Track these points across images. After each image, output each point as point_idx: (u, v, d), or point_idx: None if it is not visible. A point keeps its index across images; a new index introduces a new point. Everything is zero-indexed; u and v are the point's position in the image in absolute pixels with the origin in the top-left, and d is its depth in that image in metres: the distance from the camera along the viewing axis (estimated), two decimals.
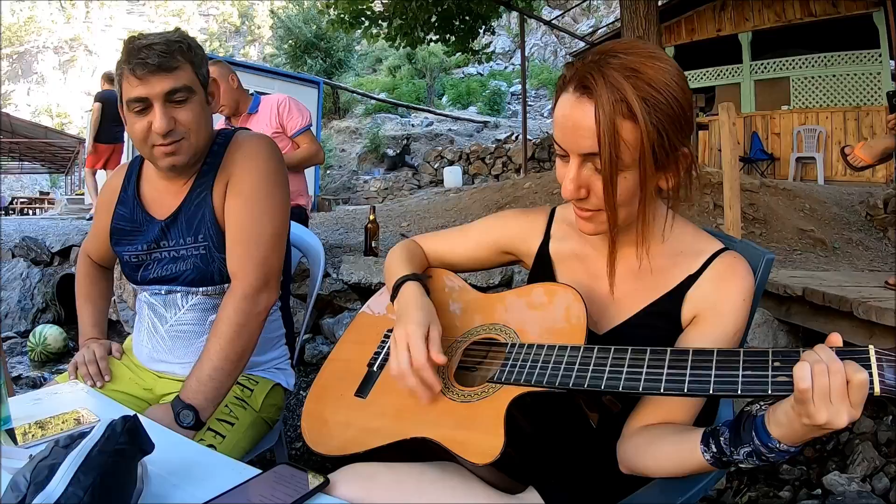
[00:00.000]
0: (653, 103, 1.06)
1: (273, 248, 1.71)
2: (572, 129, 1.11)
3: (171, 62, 1.57)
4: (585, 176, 1.14)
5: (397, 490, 1.13)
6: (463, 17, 9.76)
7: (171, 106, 1.59)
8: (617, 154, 1.06)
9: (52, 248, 5.64)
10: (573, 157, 1.13)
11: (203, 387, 1.55)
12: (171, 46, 1.58)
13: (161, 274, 1.75)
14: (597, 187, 1.13)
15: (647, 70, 1.07)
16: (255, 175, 1.71)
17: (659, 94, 1.07)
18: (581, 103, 1.09)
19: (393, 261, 1.53)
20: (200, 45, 1.71)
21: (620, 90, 1.05)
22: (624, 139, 1.06)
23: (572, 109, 1.10)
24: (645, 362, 1.01)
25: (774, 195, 7.06)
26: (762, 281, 1.35)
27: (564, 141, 1.14)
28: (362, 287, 4.26)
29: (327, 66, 23.85)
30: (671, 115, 1.08)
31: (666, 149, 1.09)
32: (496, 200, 7.80)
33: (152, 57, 1.55)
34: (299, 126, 3.99)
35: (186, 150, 1.65)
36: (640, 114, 1.05)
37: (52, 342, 4.58)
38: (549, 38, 29.66)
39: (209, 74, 1.73)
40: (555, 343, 1.15)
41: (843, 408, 0.83)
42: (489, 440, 1.07)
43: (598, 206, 1.16)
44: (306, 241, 2.31)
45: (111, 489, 0.86)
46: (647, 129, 1.06)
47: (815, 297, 3.28)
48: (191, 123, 1.63)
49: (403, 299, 1.37)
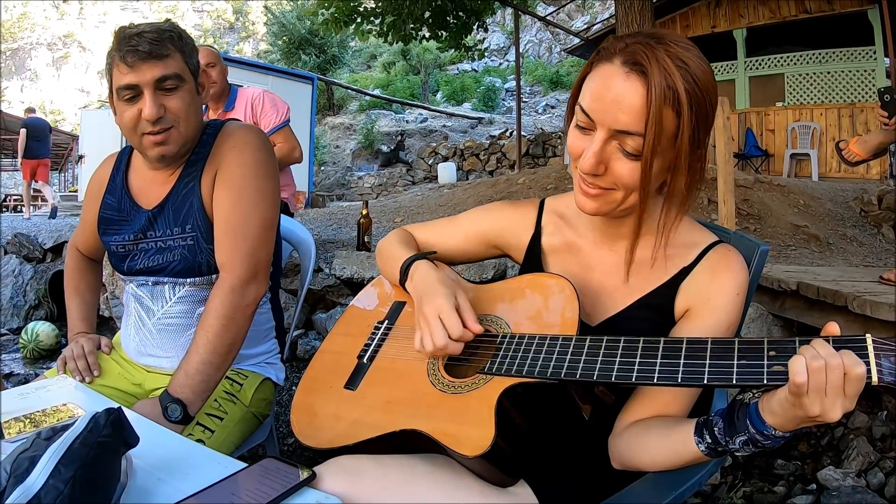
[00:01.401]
0: (697, 101, 1.06)
1: (262, 239, 1.69)
2: (613, 101, 1.06)
3: (161, 49, 1.57)
4: (609, 152, 1.11)
5: (384, 483, 1.11)
6: (456, 13, 9.73)
7: (160, 94, 1.59)
8: (660, 140, 1.05)
9: (45, 244, 5.62)
10: (602, 130, 1.09)
11: (191, 381, 1.53)
12: (162, 35, 1.58)
13: (148, 265, 1.74)
14: (616, 167, 1.11)
15: (693, 65, 1.06)
16: (243, 166, 1.69)
17: (700, 92, 1.06)
18: (630, 79, 1.05)
19: (390, 246, 1.51)
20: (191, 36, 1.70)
21: (672, 78, 1.03)
22: (665, 128, 1.05)
23: (618, 82, 1.06)
24: (638, 352, 1.00)
25: (769, 191, 7.06)
26: (756, 273, 1.34)
27: (598, 112, 1.09)
28: (355, 282, 4.24)
29: (321, 62, 23.79)
30: (707, 115, 1.08)
31: (693, 147, 1.08)
32: (490, 196, 7.79)
33: (143, 44, 1.54)
34: (274, 123, 3.81)
35: (176, 140, 1.63)
36: (686, 109, 1.04)
37: (44, 339, 4.56)
38: (544, 34, 29.64)
39: (199, 65, 1.72)
40: (546, 334, 1.13)
41: (838, 401, 0.83)
42: (479, 432, 1.06)
43: (611, 185, 1.14)
44: (296, 234, 2.29)
45: (93, 482, 0.84)
46: (689, 126, 1.05)
47: (809, 292, 3.28)
48: (180, 111, 1.61)
49: (420, 276, 1.34)
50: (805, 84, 12.19)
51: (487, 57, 26.67)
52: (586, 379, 1.02)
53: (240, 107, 3.83)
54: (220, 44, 54.16)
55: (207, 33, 60.96)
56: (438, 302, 1.21)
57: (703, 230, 1.29)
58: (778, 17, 12.13)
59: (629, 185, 1.11)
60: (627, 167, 1.09)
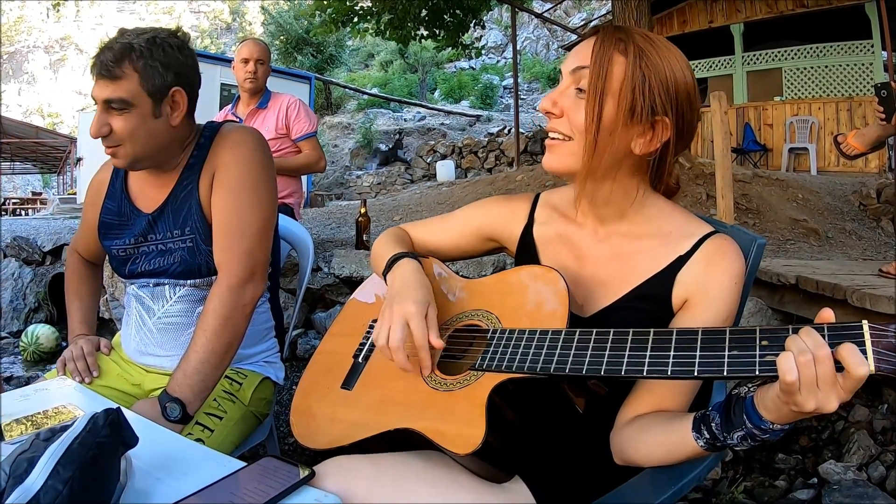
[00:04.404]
0: (647, 55, 1.14)
1: (259, 239, 1.70)
2: (574, 52, 1.21)
3: (115, 70, 1.56)
4: (567, 97, 1.20)
5: (380, 481, 1.11)
6: (453, 11, 9.72)
7: (108, 112, 1.60)
8: (605, 75, 1.14)
9: (44, 247, 5.59)
10: (565, 75, 1.21)
11: (189, 380, 1.54)
12: (125, 52, 1.56)
13: (148, 267, 1.75)
14: (573, 112, 1.18)
15: (656, 40, 1.18)
16: (240, 167, 1.70)
17: (656, 54, 1.15)
18: (589, 40, 1.19)
19: (382, 244, 1.51)
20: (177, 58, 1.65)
21: (625, 34, 1.16)
22: (612, 68, 1.14)
23: (581, 44, 1.21)
24: (627, 344, 1.00)
25: (767, 186, 7.05)
26: (754, 266, 1.34)
27: (564, 63, 1.22)
28: (353, 281, 4.24)
29: (319, 61, 23.76)
30: (661, 75, 1.14)
31: (645, 98, 1.14)
32: (488, 193, 7.78)
33: (100, 64, 1.56)
34: (305, 131, 3.93)
35: (124, 156, 1.64)
36: (632, 54, 1.14)
37: (44, 342, 4.55)
38: (541, 31, 29.62)
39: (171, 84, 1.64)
40: (537, 328, 1.13)
41: (833, 393, 0.82)
42: (470, 430, 1.06)
43: (566, 131, 1.20)
44: (294, 232, 2.29)
45: (92, 482, 0.84)
46: (634, 69, 1.13)
47: (808, 286, 3.28)
48: (123, 133, 1.60)
49: (400, 274, 1.35)
50: (803, 78, 12.18)
51: (485, 54, 26.60)
52: (575, 373, 1.02)
53: (273, 108, 3.92)
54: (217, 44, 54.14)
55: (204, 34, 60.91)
56: (410, 306, 1.22)
57: (699, 221, 1.29)
58: (775, 12, 12.11)
59: (581, 126, 1.16)
60: (581, 105, 1.16)
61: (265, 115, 3.91)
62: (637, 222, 1.28)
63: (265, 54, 3.86)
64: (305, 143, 3.97)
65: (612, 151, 1.16)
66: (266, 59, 3.87)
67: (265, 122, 3.87)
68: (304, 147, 3.97)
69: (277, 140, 3.88)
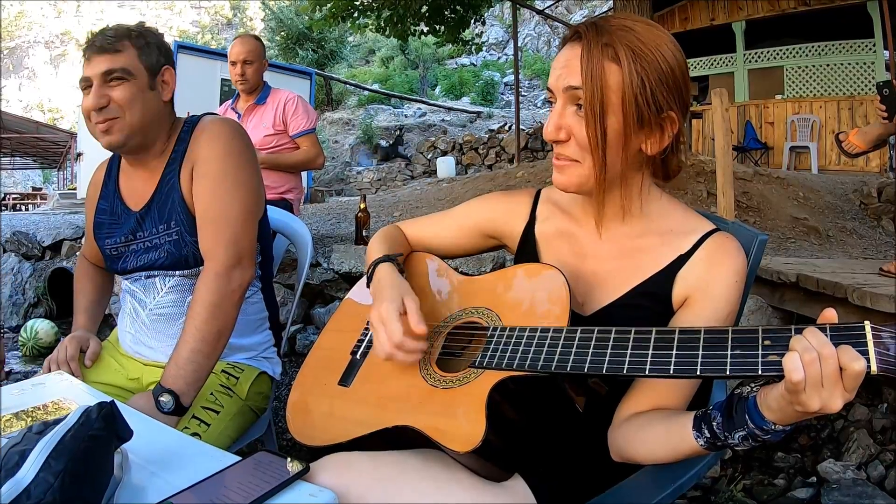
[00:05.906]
0: (639, 54, 1.09)
1: (243, 226, 1.71)
2: (561, 65, 1.14)
3: (114, 45, 1.65)
4: (568, 117, 1.15)
5: (378, 478, 1.10)
6: (454, 8, 9.70)
7: (107, 86, 1.64)
8: (601, 91, 1.08)
9: (44, 242, 5.59)
10: (559, 95, 1.15)
11: (182, 370, 1.54)
12: (121, 33, 1.68)
13: (137, 264, 1.77)
14: (578, 131, 1.13)
15: (638, 28, 1.12)
16: (218, 156, 1.72)
17: (646, 49, 1.10)
18: (572, 46, 1.14)
19: (371, 247, 1.51)
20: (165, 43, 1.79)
21: (609, 36, 1.10)
22: (608, 81, 1.09)
23: (564, 51, 1.15)
24: (629, 343, 0.99)
25: (768, 184, 7.05)
26: (755, 263, 1.33)
27: (553, 82, 1.16)
28: (353, 276, 4.24)
29: (319, 57, 23.71)
30: (658, 70, 1.10)
31: (650, 103, 1.10)
32: (489, 190, 7.69)
33: (99, 40, 1.65)
34: (303, 128, 3.92)
35: (120, 129, 1.67)
36: (625, 59, 1.08)
37: (43, 336, 4.54)
38: (543, 28, 29.56)
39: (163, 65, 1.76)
40: (537, 325, 1.12)
41: (837, 392, 0.81)
42: (470, 428, 1.05)
43: (576, 155, 1.16)
44: (293, 227, 2.28)
45: (84, 476, 0.84)
46: (630, 76, 1.08)
47: (809, 284, 3.28)
48: (124, 101, 1.65)
49: (376, 280, 1.36)
50: (804, 77, 12.17)
51: (486, 51, 26.60)
52: (577, 371, 1.01)
53: (271, 104, 3.91)
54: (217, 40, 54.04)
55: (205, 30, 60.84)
56: (383, 307, 1.22)
57: (701, 218, 1.28)
58: (777, 10, 12.10)
59: (587, 145, 1.13)
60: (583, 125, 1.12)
61: (263, 111, 3.90)
62: (639, 220, 1.27)
63: (253, 53, 3.82)
64: (303, 140, 3.96)
65: (623, 160, 1.15)
66: (255, 57, 3.83)
67: (263, 118, 3.86)
68: (301, 143, 3.96)
69: (275, 136, 3.87)
